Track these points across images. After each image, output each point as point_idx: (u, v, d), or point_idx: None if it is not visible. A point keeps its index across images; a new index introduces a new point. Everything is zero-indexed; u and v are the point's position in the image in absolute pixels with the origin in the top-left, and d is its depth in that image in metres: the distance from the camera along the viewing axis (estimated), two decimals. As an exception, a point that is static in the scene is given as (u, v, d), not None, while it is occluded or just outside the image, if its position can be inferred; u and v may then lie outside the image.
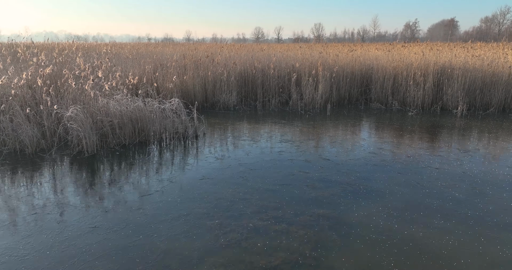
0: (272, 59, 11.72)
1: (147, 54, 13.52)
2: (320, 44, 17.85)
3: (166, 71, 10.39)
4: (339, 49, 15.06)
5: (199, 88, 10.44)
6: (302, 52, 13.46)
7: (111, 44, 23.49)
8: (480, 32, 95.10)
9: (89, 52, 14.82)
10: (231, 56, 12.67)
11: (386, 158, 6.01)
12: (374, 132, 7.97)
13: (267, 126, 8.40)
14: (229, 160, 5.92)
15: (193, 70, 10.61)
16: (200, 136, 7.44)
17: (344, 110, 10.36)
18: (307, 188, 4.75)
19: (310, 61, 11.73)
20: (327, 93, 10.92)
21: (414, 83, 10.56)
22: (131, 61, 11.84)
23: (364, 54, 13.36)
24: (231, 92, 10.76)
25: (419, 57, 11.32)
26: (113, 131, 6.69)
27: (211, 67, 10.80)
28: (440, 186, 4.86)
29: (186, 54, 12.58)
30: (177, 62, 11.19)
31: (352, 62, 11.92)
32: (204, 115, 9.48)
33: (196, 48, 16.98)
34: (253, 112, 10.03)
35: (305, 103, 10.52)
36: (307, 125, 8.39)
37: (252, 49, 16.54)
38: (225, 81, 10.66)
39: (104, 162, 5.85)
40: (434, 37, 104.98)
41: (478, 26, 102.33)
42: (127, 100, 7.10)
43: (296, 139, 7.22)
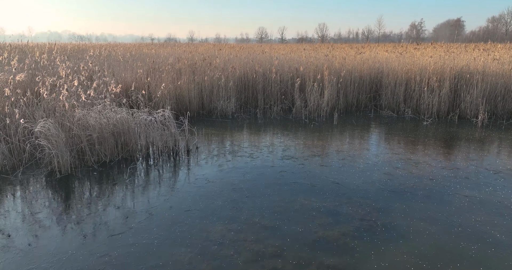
0: (274, 63, 10.89)
1: (141, 57, 12.74)
2: (326, 46, 16.98)
3: (159, 76, 9.59)
4: (346, 51, 14.20)
5: (194, 94, 9.63)
6: (306, 54, 12.62)
7: (106, 45, 22.72)
8: (487, 32, 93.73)
9: (80, 54, 14.05)
10: (230, 59, 11.85)
11: (404, 182, 5.16)
12: (387, 146, 7.12)
13: (268, 138, 7.57)
14: (222, 183, 5.10)
15: (188, 75, 9.80)
16: (192, 151, 6.63)
17: (352, 118, 9.51)
18: (313, 225, 3.92)
19: (315, 65, 10.89)
20: (333, 100, 10.08)
21: (428, 89, 9.69)
22: (123, 64, 11.06)
23: (373, 56, 12.49)
24: (230, 99, 9.95)
25: (434, 60, 10.43)
26: (91, 147, 5.89)
27: (208, 72, 9.99)
28: (475, 222, 4.01)
29: (182, 57, 11.78)
30: (171, 66, 10.39)
31: (360, 65, 11.06)
32: (200, 124, 8.68)
33: (194, 49, 16.18)
34: (253, 120, 9.21)
35: (309, 111, 9.69)
36: (312, 137, 7.55)
37: (253, 51, 15.72)
38: (223, 87, 9.85)
39: (77, 185, 5.05)
40: (440, 37, 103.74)
41: (485, 26, 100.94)
42: (110, 111, 6.30)
43: (300, 155, 6.38)
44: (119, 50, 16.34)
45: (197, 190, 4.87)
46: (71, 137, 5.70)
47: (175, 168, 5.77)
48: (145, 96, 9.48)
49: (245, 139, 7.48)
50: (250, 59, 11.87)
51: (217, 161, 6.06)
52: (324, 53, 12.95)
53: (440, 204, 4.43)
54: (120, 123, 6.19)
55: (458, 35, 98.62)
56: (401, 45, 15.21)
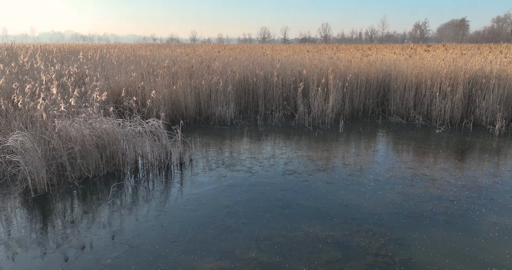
0: (276, 65, 10.31)
1: (136, 59, 12.18)
2: (330, 47, 16.33)
3: (153, 80, 9.03)
4: (352, 53, 13.57)
5: (191, 99, 9.06)
6: (310, 56, 12.02)
7: (104, 46, 22.16)
8: (492, 32, 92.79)
9: (75, 55, 13.50)
10: (229, 62, 11.27)
11: (422, 204, 4.56)
12: (399, 158, 6.51)
13: (269, 148, 6.99)
14: (216, 205, 4.52)
15: (185, 79, 9.24)
16: (186, 164, 6.06)
17: (359, 125, 8.91)
18: (319, 262, 3.33)
19: (319, 68, 10.30)
20: (338, 105, 9.49)
21: (440, 94, 9.08)
22: (117, 67, 10.52)
23: (380, 59, 11.88)
24: (229, 104, 9.38)
25: (446, 63, 9.81)
26: (73, 162, 5.33)
27: (206, 75, 9.42)
28: (510, 259, 3.41)
29: (178, 60, 11.21)
30: (167, 69, 9.82)
31: (367, 68, 10.46)
32: (196, 132, 8.11)
33: (193, 51, 15.62)
34: (253, 127, 8.63)
35: (313, 117, 9.09)
36: (317, 148, 6.96)
37: (254, 52, 15.13)
38: (222, 92, 9.28)
39: (52, 206, 4.48)
40: (444, 37, 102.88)
41: (490, 26, 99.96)
42: (95, 120, 5.74)
43: (303, 169, 5.79)
44: (115, 51, 15.78)
45: (187, 214, 4.29)
46: (50, 151, 5.14)
47: (165, 186, 5.20)
48: (138, 101, 8.93)
49: (244, 149, 6.90)
50: (251, 62, 11.29)
51: (212, 176, 5.48)
52: (328, 55, 12.35)
53: (465, 234, 3.84)
54: (105, 134, 5.63)
55: (462, 35, 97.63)
56: (410, 46, 14.52)
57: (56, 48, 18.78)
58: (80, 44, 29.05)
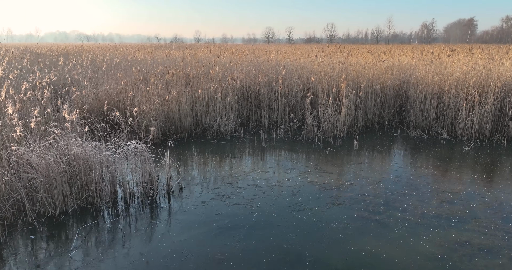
0: (281, 72, 9.31)
1: (129, 64, 11.24)
2: (340, 50, 15.19)
3: (144, 89, 8.07)
4: (365, 57, 12.48)
5: (186, 110, 8.09)
6: (319, 62, 10.98)
7: (100, 47, 21.21)
8: (501, 32, 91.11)
9: (67, 58, 12.57)
10: (229, 68, 10.28)
11: (470, 260, 3.55)
12: (428, 187, 5.50)
13: (273, 172, 6.00)
14: (206, 260, 3.54)
15: (179, 87, 8.27)
16: (175, 193, 5.10)
17: (375, 140, 7.90)
18: None
19: (329, 74, 9.30)
20: (351, 116, 8.48)
21: (467, 105, 8.04)
22: (106, 73, 9.59)
23: (397, 64, 10.83)
24: (228, 115, 8.40)
25: (474, 70, 8.76)
26: (34, 196, 4.38)
27: (203, 83, 8.44)
28: None
29: (173, 66, 10.24)
30: (160, 77, 8.87)
31: (381, 74, 9.44)
32: (190, 148, 7.14)
33: (192, 54, 14.65)
34: (256, 143, 7.65)
35: (323, 131, 8.09)
36: (330, 172, 5.96)
37: (258, 56, 14.12)
38: (220, 102, 8.30)
39: (2, 256, 3.53)
40: (452, 37, 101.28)
41: (499, 26, 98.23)
42: (66, 143, 4.79)
43: (316, 203, 4.80)
44: (109, 53, 14.77)
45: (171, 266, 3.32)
46: (3, 185, 4.19)
47: (146, 226, 4.23)
48: (126, 114, 7.99)
49: (244, 173, 5.92)
50: (253, 67, 10.31)
51: (204, 213, 4.51)
52: (339, 59, 11.30)
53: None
54: (77, 161, 4.68)
55: (471, 35, 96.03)
56: (431, 50, 13.35)
57: (49, 50, 17.92)
58: (78, 45, 28.31)
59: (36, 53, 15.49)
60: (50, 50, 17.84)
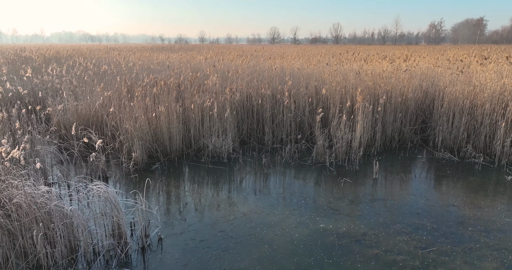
0: (288, 82, 8.17)
1: (120, 71, 10.16)
2: (351, 55, 13.94)
3: (128, 104, 6.98)
4: (380, 63, 11.22)
5: (177, 128, 7.00)
6: (330, 70, 9.78)
7: (95, 49, 20.12)
8: (511, 32, 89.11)
9: (52, 63, 11.49)
10: (228, 77, 9.15)
11: None
12: (474, 240, 4.35)
13: (277, 212, 4.88)
14: None
15: (169, 101, 7.17)
16: (152, 247, 4.01)
17: (396, 164, 6.75)
18: None
19: (342, 85, 8.15)
20: (368, 135, 7.33)
21: (506, 122, 6.86)
22: (88, 84, 8.53)
23: (420, 72, 9.63)
24: (226, 133, 7.29)
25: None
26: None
27: (196, 97, 7.33)
28: None
29: (163, 76, 9.14)
30: (148, 88, 7.78)
31: (401, 84, 8.27)
32: (180, 174, 6.03)
33: (188, 59, 13.54)
34: (257, 168, 6.53)
35: (336, 153, 6.95)
36: (346, 213, 4.83)
37: (261, 62, 12.97)
38: (216, 118, 7.19)
39: None
40: (460, 37, 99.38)
41: (509, 26, 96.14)
42: (7, 187, 3.72)
43: (330, 267, 3.68)
44: (104, 57, 13.62)
45: None
46: None
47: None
48: (107, 134, 6.92)
49: (241, 215, 4.80)
50: (256, 76, 9.18)
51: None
52: (352, 67, 10.09)
53: None
54: (19, 212, 3.60)
55: (480, 35, 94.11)
56: (460, 58, 11.96)
57: (40, 53, 16.93)
58: (76, 47, 27.46)
59: (24, 57, 14.45)
60: (41, 54, 16.80)
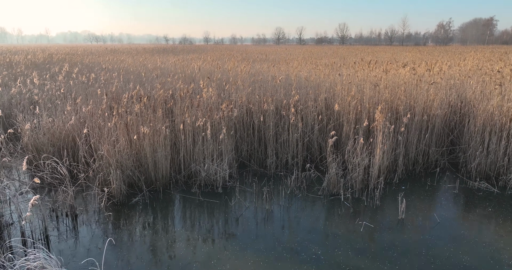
0: (294, 97, 7.06)
1: (101, 81, 9.12)
2: (368, 65, 12.70)
3: (105, 124, 5.93)
4: (399, 71, 9.94)
5: (164, 151, 5.94)
6: (342, 80, 8.59)
7: (94, 50, 19.01)
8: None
9: (40, 68, 10.44)
10: (226, 90, 8.05)
11: None
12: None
13: (280, 266, 3.80)
14: None
15: (155, 121, 6.12)
16: None
17: (425, 198, 5.64)
18: None
19: (357, 98, 7.04)
20: (389, 160, 6.22)
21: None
22: (66, 98, 7.51)
23: (445, 83, 8.47)
24: (222, 157, 6.23)
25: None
26: None
27: (187, 115, 6.26)
28: None
29: (149, 89, 8.07)
30: (130, 104, 6.74)
31: (426, 97, 7.14)
32: (163, 210, 4.94)
33: (184, 64, 12.47)
34: (257, 201, 5.46)
35: (351, 183, 5.86)
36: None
37: (265, 69, 11.85)
38: (210, 140, 6.12)
39: None
40: (469, 37, 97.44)
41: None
42: None
43: None
44: (93, 62, 12.47)
45: None
46: None
47: None
48: (79, 160, 5.90)
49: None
50: (257, 87, 8.10)
51: None
52: (368, 77, 8.89)
53: None
54: None
55: (490, 35, 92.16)
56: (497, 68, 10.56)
57: (32, 55, 15.97)
58: (76, 47, 26.59)
59: (9, 63, 13.47)
60: (33, 56, 15.84)
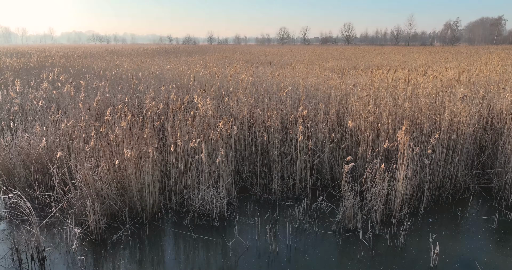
0: (303, 112, 6.18)
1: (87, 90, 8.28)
2: (392, 72, 11.57)
3: (82, 147, 5.11)
4: (419, 79, 8.78)
5: (153, 177, 5.11)
6: (357, 92, 7.59)
7: (93, 52, 18.09)
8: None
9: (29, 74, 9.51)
10: (223, 102, 7.16)
11: None
12: None
13: None
14: None
15: (141, 141, 5.29)
16: None
17: (457, 233, 4.76)
18: None
19: (375, 113, 6.17)
20: (413, 186, 5.35)
21: None
22: (44, 110, 6.72)
23: (475, 93, 7.52)
24: (219, 182, 5.38)
25: None
26: None
27: (178, 134, 5.42)
28: None
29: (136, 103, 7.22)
30: (112, 122, 5.90)
31: (456, 111, 6.25)
32: (150, 251, 4.10)
33: (181, 71, 11.63)
34: (260, 238, 4.61)
35: (372, 215, 4.98)
36: None
37: (269, 76, 10.95)
38: (206, 163, 5.27)
39: None
40: (476, 37, 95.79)
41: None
42: None
43: None
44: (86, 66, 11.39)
45: None
46: None
47: None
48: (49, 189, 5.09)
49: None
50: (260, 98, 7.23)
51: None
52: (384, 87, 7.92)
53: None
54: None
55: (499, 35, 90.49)
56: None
57: (26, 58, 15.22)
58: (75, 48, 25.90)
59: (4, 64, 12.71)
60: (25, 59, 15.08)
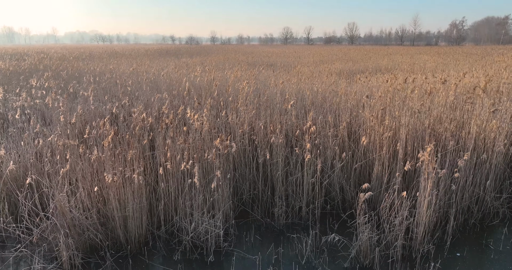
0: (310, 128, 5.47)
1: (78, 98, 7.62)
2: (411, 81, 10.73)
3: (54, 170, 4.45)
4: (438, 87, 7.84)
5: (139, 204, 4.45)
6: (370, 103, 6.77)
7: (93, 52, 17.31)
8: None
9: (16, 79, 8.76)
10: (220, 116, 6.45)
11: None
12: None
13: None
14: None
15: (125, 165, 4.63)
16: None
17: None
18: None
19: (392, 129, 5.47)
20: (437, 214, 4.65)
21: None
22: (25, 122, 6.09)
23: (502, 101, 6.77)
24: (215, 210, 4.72)
25: None
26: None
27: (168, 155, 4.74)
28: None
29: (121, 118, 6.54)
30: (92, 141, 5.24)
31: (485, 128, 5.55)
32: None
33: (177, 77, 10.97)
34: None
35: (392, 252, 4.30)
36: None
37: (272, 85, 10.21)
38: (200, 188, 4.61)
39: None
40: (482, 37, 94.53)
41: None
42: None
43: None
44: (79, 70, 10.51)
45: None
46: None
47: None
48: (21, 218, 4.46)
49: None
50: (262, 109, 6.54)
51: None
52: (399, 96, 7.12)
53: None
54: None
55: (505, 35, 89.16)
56: None
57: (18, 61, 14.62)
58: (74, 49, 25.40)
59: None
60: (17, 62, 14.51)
